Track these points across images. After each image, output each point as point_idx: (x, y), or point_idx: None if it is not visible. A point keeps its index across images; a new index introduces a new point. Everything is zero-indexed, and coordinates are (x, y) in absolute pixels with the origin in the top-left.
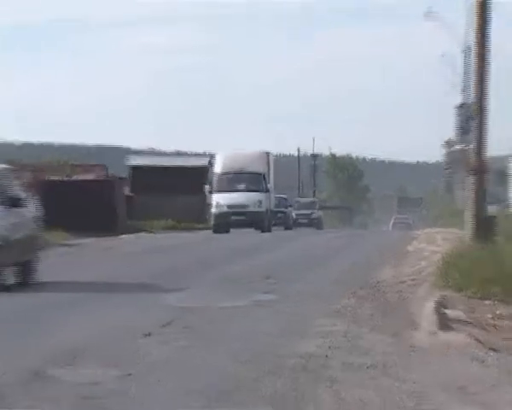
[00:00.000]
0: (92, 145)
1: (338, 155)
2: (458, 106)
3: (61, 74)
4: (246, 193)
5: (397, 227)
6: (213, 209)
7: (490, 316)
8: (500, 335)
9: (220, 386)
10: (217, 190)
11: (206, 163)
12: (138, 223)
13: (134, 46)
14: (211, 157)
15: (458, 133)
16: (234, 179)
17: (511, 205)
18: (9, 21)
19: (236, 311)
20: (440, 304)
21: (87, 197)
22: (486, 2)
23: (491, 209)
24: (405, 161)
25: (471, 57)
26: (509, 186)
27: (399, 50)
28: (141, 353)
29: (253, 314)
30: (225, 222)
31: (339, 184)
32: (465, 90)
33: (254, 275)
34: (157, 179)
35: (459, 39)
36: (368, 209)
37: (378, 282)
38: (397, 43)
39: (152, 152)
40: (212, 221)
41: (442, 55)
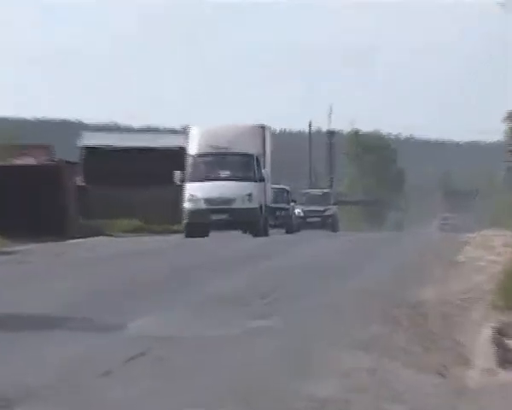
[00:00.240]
0: (32, 119)
1: (363, 132)
2: None
3: None
4: (231, 182)
5: (443, 228)
6: (186, 205)
7: None
8: None
9: None
10: (191, 179)
11: (183, 143)
12: (94, 223)
13: None
14: (185, 133)
15: None
16: (214, 163)
17: None
18: None
19: (224, 342)
20: (500, 332)
21: (24, 189)
22: None
23: None
24: (453, 141)
25: None
26: None
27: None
28: (97, 396)
29: (248, 347)
30: (202, 222)
31: (364, 171)
32: None
33: (248, 292)
34: (119, 165)
35: None
36: (403, 204)
37: (418, 302)
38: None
39: (113, 128)
40: (185, 221)
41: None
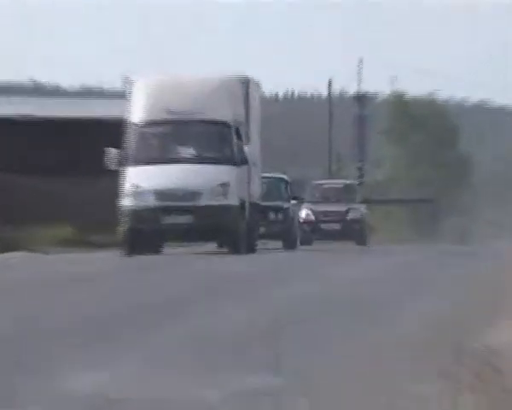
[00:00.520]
0: None
1: (410, 97)
2: None
3: None
4: (196, 166)
5: None
6: (125, 201)
7: None
8: None
9: None
10: (134, 161)
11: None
12: (9, 232)
13: None
14: (125, 89)
15: None
16: (170, 137)
17: None
18: None
19: None
20: None
21: None
22: None
23: None
24: None
25: None
26: None
27: None
28: None
29: None
30: (150, 229)
31: (410, 156)
32: None
33: (243, 333)
34: (37, 145)
35: None
36: (470, 202)
37: (488, 350)
38: None
39: (28, 91)
40: (122, 228)
41: None
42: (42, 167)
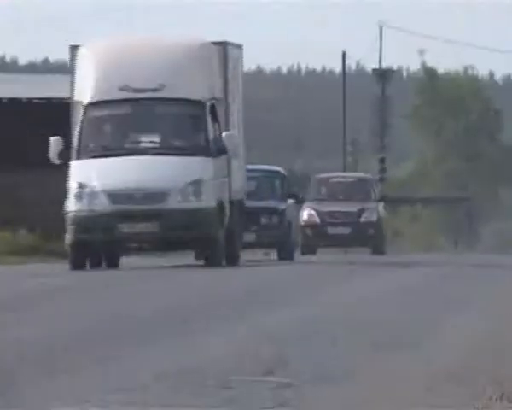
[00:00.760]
0: None
1: (441, 73)
2: None
3: None
4: (160, 158)
5: None
6: (70, 204)
7: None
8: None
9: None
10: (81, 153)
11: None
12: None
13: None
14: (70, 60)
15: None
16: (127, 120)
17: None
18: None
19: None
20: None
21: None
22: None
23: None
24: None
25: None
26: None
27: None
28: None
29: None
30: (102, 240)
31: (442, 143)
32: None
33: (241, 364)
34: None
35: None
36: None
37: None
38: None
39: None
40: (68, 237)
41: None
42: None
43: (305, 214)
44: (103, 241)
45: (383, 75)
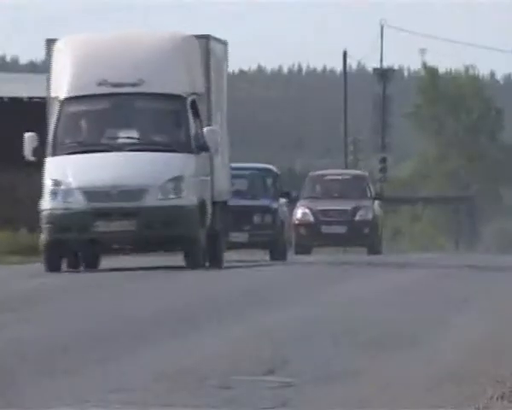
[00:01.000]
0: None
1: (442, 72)
2: None
3: None
4: (139, 155)
5: None
6: (45, 202)
7: None
8: None
9: None
10: (57, 149)
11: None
12: None
13: None
14: (47, 55)
15: None
16: (105, 116)
17: None
18: None
19: None
20: None
21: None
22: None
23: None
24: None
25: None
26: None
27: None
28: None
29: None
30: (77, 239)
31: (443, 142)
32: None
33: (240, 363)
34: None
35: None
36: None
37: None
38: None
39: None
40: (43, 237)
41: None
42: None
43: (299, 213)
44: (79, 240)
45: (384, 75)
